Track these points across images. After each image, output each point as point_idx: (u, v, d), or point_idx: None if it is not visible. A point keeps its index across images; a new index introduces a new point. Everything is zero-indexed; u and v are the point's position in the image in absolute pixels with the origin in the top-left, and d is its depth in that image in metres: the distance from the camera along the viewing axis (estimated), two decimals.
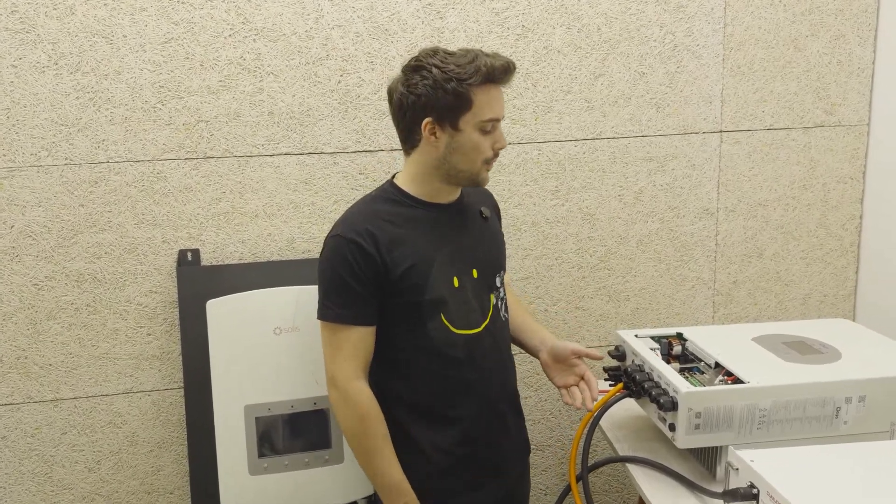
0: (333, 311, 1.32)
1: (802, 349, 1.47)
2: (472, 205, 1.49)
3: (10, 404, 1.79)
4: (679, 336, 1.59)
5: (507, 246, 1.87)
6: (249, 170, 1.78)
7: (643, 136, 1.92)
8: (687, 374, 1.45)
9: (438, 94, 1.27)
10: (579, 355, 1.46)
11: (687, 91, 1.92)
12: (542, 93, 1.86)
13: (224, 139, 1.75)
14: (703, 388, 1.32)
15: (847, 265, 2.08)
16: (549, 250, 1.94)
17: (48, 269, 1.74)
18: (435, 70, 1.27)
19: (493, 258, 1.48)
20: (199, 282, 1.73)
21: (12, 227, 1.71)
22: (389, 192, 1.40)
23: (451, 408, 1.40)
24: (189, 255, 1.77)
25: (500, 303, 1.48)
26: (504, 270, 1.53)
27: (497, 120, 1.33)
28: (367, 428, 1.33)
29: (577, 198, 1.93)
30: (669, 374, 1.37)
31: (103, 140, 1.70)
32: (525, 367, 2.00)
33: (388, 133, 1.81)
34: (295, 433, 1.56)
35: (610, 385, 1.55)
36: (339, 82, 1.77)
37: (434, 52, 1.30)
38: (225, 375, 1.53)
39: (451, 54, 1.30)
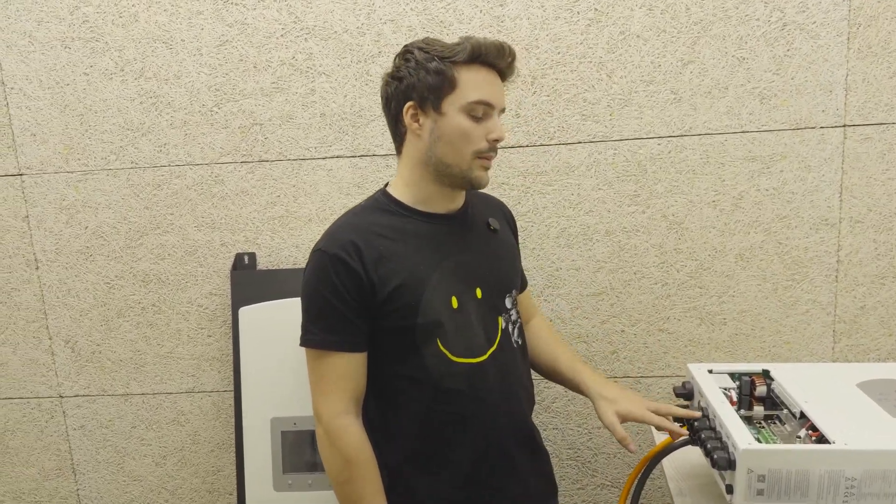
0: (317, 336, 1.17)
1: None
2: (479, 216, 1.31)
3: (88, 395, 1.89)
4: (765, 374, 1.31)
5: (575, 256, 1.69)
6: (303, 173, 1.73)
7: (743, 131, 1.63)
8: (763, 425, 1.19)
9: (420, 75, 1.15)
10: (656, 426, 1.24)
11: (799, 78, 1.60)
12: (619, 84, 1.63)
13: (278, 142, 1.72)
14: (769, 446, 1.06)
15: None
16: (626, 263, 1.71)
17: (118, 269, 1.80)
18: (417, 52, 1.16)
19: (501, 276, 1.29)
20: (252, 286, 1.71)
21: (86, 227, 1.79)
22: (381, 202, 1.25)
23: (450, 448, 1.20)
24: (246, 258, 1.76)
25: (510, 327, 1.28)
26: (516, 290, 1.33)
27: (488, 104, 1.16)
28: (353, 475, 1.17)
29: (661, 204, 1.68)
30: (731, 424, 1.12)
31: (165, 144, 1.73)
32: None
33: None
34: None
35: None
36: None
37: (423, 38, 1.19)
38: (253, 385, 1.49)
39: (440, 40, 1.18)
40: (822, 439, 1.07)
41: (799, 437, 1.11)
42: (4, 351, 1.88)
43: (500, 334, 1.25)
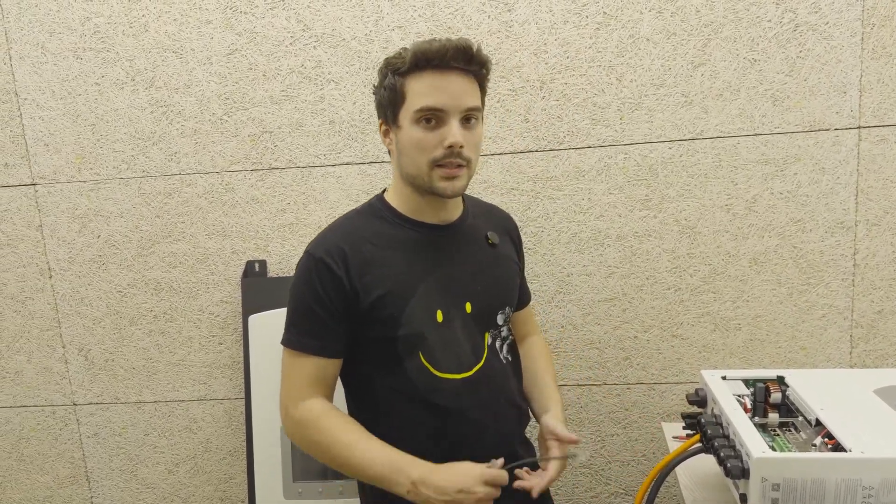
0: (296, 338, 1.16)
1: None
2: (477, 228, 1.27)
3: (101, 403, 1.90)
4: (780, 380, 1.29)
5: (586, 261, 1.68)
6: (312, 180, 1.73)
7: (756, 134, 1.61)
8: (779, 432, 1.17)
9: (381, 92, 1.16)
10: (557, 439, 1.21)
11: (813, 80, 1.58)
12: (629, 87, 1.62)
13: (287, 150, 1.72)
14: (783, 455, 1.04)
15: None
16: (638, 268, 1.69)
17: (130, 277, 1.81)
18: (383, 67, 1.16)
19: (495, 292, 1.25)
20: (262, 293, 1.71)
21: (99, 236, 1.80)
22: (375, 207, 1.23)
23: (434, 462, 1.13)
24: (256, 266, 1.77)
25: (498, 343, 1.25)
26: (511, 307, 1.29)
27: (436, 110, 1.10)
28: (330, 434, 1.12)
29: (673, 208, 1.66)
30: (745, 432, 1.10)
31: (175, 152, 1.74)
32: (611, 401, 1.77)
33: None
34: None
35: (688, 435, 1.30)
36: None
37: (398, 51, 1.15)
38: (263, 393, 1.49)
39: (406, 50, 1.14)
40: (838, 447, 1.05)
41: (814, 445, 1.08)
42: (19, 359, 1.90)
43: (486, 350, 1.22)
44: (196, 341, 1.83)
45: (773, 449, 1.07)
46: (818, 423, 1.13)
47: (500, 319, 1.26)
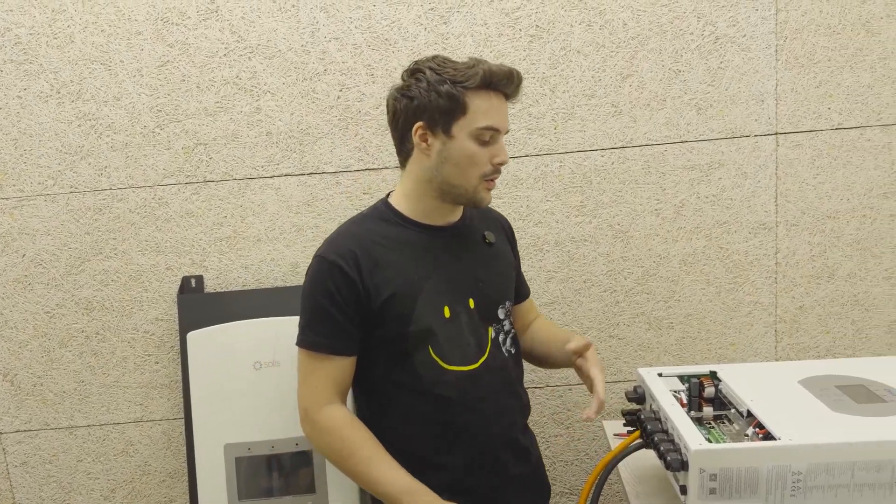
0: (311, 338, 1.23)
1: (859, 396, 1.20)
2: (476, 228, 1.36)
3: (29, 430, 1.81)
4: (712, 375, 1.35)
5: (526, 267, 1.71)
6: (250, 192, 1.71)
7: (682, 141, 1.69)
8: (714, 425, 1.22)
9: (432, 97, 1.18)
10: (577, 353, 1.31)
11: (733, 89, 1.67)
12: (562, 98, 1.67)
13: (223, 162, 1.69)
14: (719, 446, 1.09)
15: None
16: (576, 272, 1.74)
17: (59, 297, 1.74)
18: (429, 72, 1.19)
19: (495, 288, 1.34)
20: (200, 309, 1.67)
21: (24, 255, 1.72)
22: (381, 211, 1.29)
23: (440, 454, 1.25)
24: (193, 281, 1.73)
25: (501, 337, 1.33)
26: (510, 302, 1.38)
27: (496, 130, 1.20)
28: (351, 444, 1.20)
29: (607, 213, 1.72)
30: (682, 426, 1.15)
31: (105, 167, 1.69)
32: (554, 402, 1.81)
33: (392, 150, 1.66)
34: (277, 476, 1.46)
35: (628, 431, 1.34)
36: (338, 98, 1.67)
37: (434, 57, 1.22)
38: (205, 412, 1.46)
39: (452, 60, 1.22)
40: (768, 436, 1.11)
41: (747, 436, 1.14)
42: None
43: (489, 344, 1.29)
44: (131, 361, 1.77)
45: (709, 441, 1.12)
46: (749, 414, 1.19)
47: (501, 314, 1.33)
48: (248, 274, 1.74)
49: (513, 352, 1.35)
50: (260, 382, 1.47)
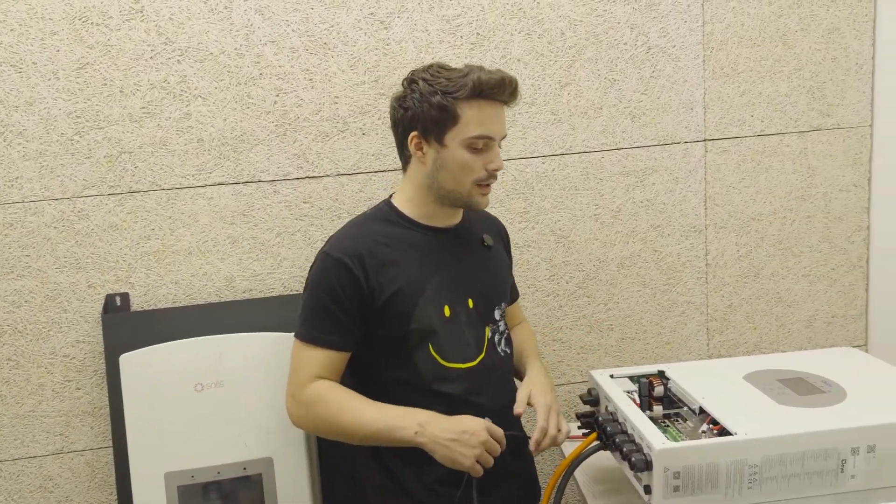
0: (309, 332, 1.25)
1: (800, 388, 1.27)
2: (475, 231, 1.40)
3: None
4: (661, 374, 1.39)
5: None
6: (180, 203, 1.61)
7: (618, 148, 1.74)
8: (668, 423, 1.26)
9: (424, 108, 1.22)
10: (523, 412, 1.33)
11: (665, 97, 1.73)
12: None
13: (150, 171, 1.59)
14: (681, 444, 1.12)
15: (855, 282, 1.87)
16: (519, 278, 1.75)
17: None
18: (422, 83, 1.22)
19: (492, 289, 1.38)
20: (127, 329, 1.56)
21: None
22: (385, 212, 1.33)
23: None
24: (118, 299, 1.61)
25: (497, 337, 1.37)
26: (506, 303, 1.42)
27: (488, 138, 1.24)
28: (338, 402, 1.22)
29: (549, 219, 1.74)
30: (643, 427, 1.17)
31: (17, 178, 1.55)
32: None
33: (333, 157, 1.64)
34: (223, 503, 1.37)
35: (584, 434, 1.36)
36: (275, 103, 1.61)
37: (430, 66, 1.26)
38: (142, 439, 1.36)
39: (447, 69, 1.24)
40: (723, 432, 1.15)
41: (703, 432, 1.18)
42: None
43: (486, 343, 1.33)
44: (49, 388, 1.63)
45: (669, 439, 1.15)
46: (702, 410, 1.23)
47: (497, 315, 1.37)
48: (179, 290, 1.64)
49: (507, 352, 1.40)
50: (202, 405, 1.38)
